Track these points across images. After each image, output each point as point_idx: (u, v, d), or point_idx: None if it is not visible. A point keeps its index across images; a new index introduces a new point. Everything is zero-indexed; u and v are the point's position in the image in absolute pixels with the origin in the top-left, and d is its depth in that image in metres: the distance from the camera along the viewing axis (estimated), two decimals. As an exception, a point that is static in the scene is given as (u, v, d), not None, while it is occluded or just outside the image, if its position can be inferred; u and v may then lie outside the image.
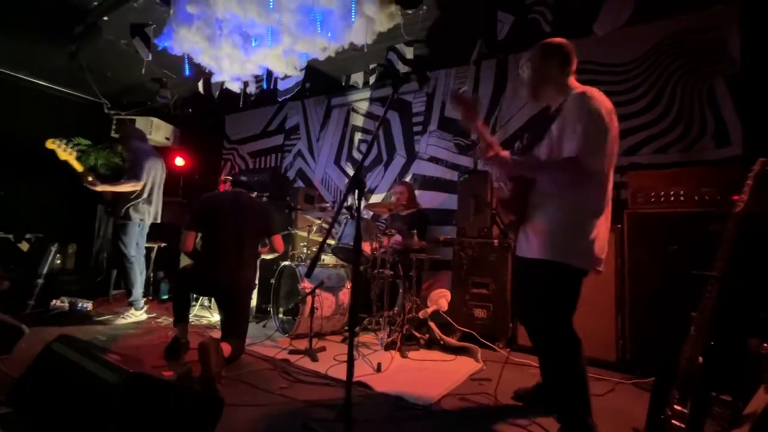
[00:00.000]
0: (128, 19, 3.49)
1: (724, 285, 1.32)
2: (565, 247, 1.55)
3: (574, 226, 1.55)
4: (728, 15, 2.79)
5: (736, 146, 2.73)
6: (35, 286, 3.60)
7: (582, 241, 1.54)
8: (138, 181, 3.45)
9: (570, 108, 1.57)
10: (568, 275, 1.56)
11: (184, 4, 3.03)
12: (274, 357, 2.55)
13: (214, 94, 4.29)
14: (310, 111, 5.16)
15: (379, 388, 2.10)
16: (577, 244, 1.54)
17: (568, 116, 1.56)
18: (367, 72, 4.33)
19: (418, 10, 3.13)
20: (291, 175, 5.17)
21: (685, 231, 2.34)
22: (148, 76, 4.48)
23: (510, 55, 3.73)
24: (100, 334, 2.96)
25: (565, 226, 1.56)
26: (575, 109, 1.53)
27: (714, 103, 2.84)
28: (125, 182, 3.42)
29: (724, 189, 2.33)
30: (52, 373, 1.40)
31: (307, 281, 2.96)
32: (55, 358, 1.41)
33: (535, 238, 1.64)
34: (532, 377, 2.31)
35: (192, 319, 3.47)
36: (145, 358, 2.42)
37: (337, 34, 3.08)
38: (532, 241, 1.65)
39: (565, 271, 1.54)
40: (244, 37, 3.18)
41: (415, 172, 4.24)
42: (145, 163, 3.51)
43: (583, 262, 1.55)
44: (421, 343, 2.91)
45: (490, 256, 3.10)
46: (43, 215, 4.90)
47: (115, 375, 1.14)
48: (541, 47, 1.74)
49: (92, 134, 5.06)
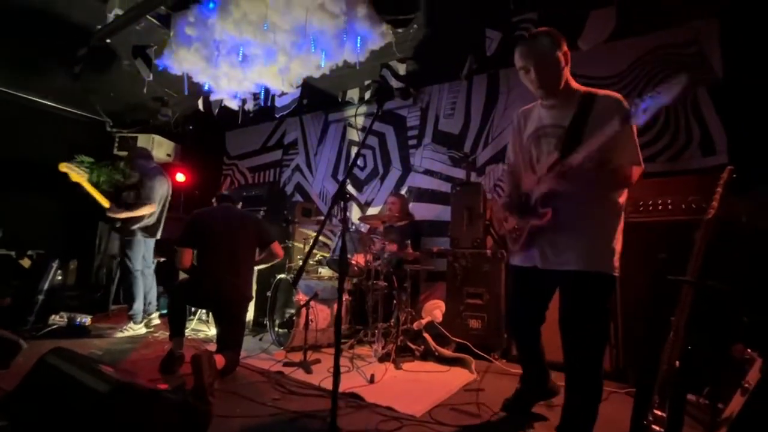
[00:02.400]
0: (130, 41, 3.62)
1: (701, 289, 1.35)
2: (605, 256, 1.49)
3: (612, 233, 1.52)
4: (708, 29, 2.88)
5: (721, 155, 2.78)
6: (36, 302, 3.64)
7: (617, 248, 1.51)
8: (153, 203, 3.63)
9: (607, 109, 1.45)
10: (610, 285, 1.52)
11: (183, 27, 3.16)
12: (269, 369, 2.56)
13: (213, 111, 4.40)
14: (308, 126, 5.26)
15: (371, 399, 2.10)
16: (614, 252, 1.51)
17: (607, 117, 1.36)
18: (362, 88, 4.44)
19: (408, 29, 3.24)
20: (289, 189, 5.25)
21: (674, 239, 2.36)
22: (150, 95, 4.61)
23: (500, 70, 3.83)
24: (97, 348, 2.99)
25: (605, 234, 1.51)
26: (615, 110, 1.39)
27: (699, 113, 2.90)
28: (142, 206, 3.59)
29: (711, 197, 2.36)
30: (45, 384, 1.43)
31: (302, 293, 2.99)
32: (49, 370, 1.44)
33: (569, 249, 1.52)
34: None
35: (189, 332, 3.49)
36: (140, 371, 2.45)
37: (330, 53, 3.18)
38: (565, 253, 1.53)
39: (607, 280, 1.50)
40: (241, 57, 3.29)
41: (411, 185, 4.30)
42: (156, 184, 3.69)
43: (617, 269, 1.52)
44: (416, 354, 2.91)
45: (483, 267, 3.12)
46: (45, 232, 4.98)
47: (104, 384, 1.17)
48: (549, 35, 1.56)
49: (95, 152, 5.17)
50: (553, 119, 1.63)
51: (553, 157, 1.52)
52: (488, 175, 3.83)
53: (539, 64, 1.55)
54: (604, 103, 1.50)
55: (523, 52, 1.60)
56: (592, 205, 1.51)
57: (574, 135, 1.50)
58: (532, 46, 1.58)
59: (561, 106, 1.61)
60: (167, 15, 3.25)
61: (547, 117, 1.66)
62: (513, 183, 1.83)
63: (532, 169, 1.69)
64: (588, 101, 1.53)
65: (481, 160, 3.91)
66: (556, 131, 1.60)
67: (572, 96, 1.59)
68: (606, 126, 1.33)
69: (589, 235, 1.49)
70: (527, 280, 1.74)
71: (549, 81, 1.57)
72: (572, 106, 1.56)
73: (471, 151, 3.97)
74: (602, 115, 1.44)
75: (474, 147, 3.96)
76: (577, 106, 1.54)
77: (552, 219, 1.51)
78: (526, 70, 1.60)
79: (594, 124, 1.45)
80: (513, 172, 1.86)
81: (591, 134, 1.40)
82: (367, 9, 2.92)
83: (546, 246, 1.60)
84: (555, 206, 1.51)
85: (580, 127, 1.50)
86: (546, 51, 1.55)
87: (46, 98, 5.14)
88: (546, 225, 1.53)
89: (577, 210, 1.50)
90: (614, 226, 1.52)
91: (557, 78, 1.57)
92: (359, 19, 2.92)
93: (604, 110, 1.46)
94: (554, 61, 1.55)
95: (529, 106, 1.81)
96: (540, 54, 1.55)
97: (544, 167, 1.57)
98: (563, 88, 1.58)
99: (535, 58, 1.56)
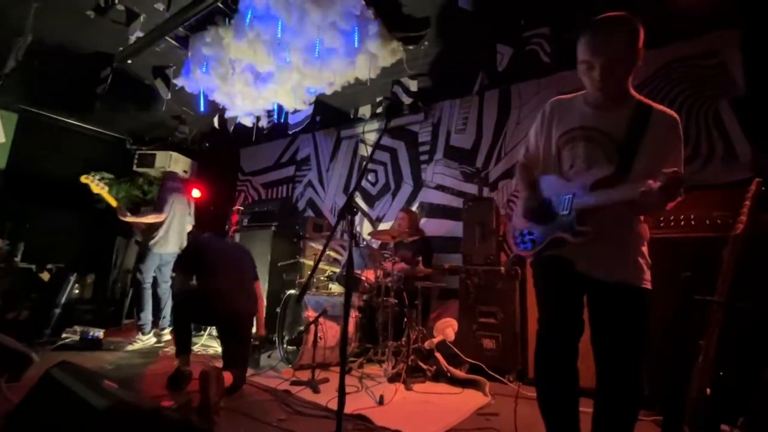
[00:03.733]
0: (150, 62, 3.76)
1: (731, 311, 1.26)
2: (643, 268, 1.34)
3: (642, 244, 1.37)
4: (729, 39, 2.81)
5: (746, 168, 2.66)
6: (53, 316, 3.70)
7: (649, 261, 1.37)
8: (160, 213, 3.77)
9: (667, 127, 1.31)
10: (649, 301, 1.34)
11: (200, 47, 3.26)
12: (276, 388, 2.51)
13: (229, 128, 4.50)
14: (320, 143, 5.32)
15: (380, 421, 2.02)
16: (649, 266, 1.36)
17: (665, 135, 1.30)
18: (374, 105, 4.48)
19: (419, 46, 3.27)
20: (301, 205, 5.27)
21: (699, 256, 2.25)
22: (168, 114, 4.76)
23: (512, 85, 3.81)
24: (108, 362, 2.99)
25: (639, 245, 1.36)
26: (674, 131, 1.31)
27: (721, 126, 2.80)
28: (148, 214, 3.80)
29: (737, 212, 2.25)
30: (48, 399, 1.41)
31: (311, 310, 2.95)
32: (52, 384, 1.43)
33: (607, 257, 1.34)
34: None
35: (198, 348, 3.48)
36: (148, 387, 2.43)
37: (341, 70, 3.22)
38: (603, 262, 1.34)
39: (646, 295, 1.33)
40: (255, 75, 3.36)
41: (423, 200, 4.26)
42: (168, 197, 3.87)
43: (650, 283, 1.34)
44: (428, 375, 2.82)
45: (497, 285, 3.03)
46: (65, 246, 5.10)
47: (104, 401, 1.14)
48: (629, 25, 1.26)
49: (115, 168, 5.34)
50: (602, 123, 1.37)
51: (604, 170, 1.31)
52: (501, 190, 3.77)
53: (612, 62, 1.25)
54: (665, 119, 1.32)
55: (595, 46, 1.27)
56: (629, 216, 1.35)
57: (630, 150, 1.30)
58: (608, 39, 1.25)
59: (612, 108, 1.36)
60: (185, 36, 3.36)
61: (592, 118, 1.39)
62: (529, 181, 1.58)
63: (559, 171, 1.46)
64: (645, 112, 1.32)
65: (493, 176, 3.85)
66: (602, 138, 1.36)
67: (628, 101, 1.35)
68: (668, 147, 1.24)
69: (626, 247, 1.34)
70: (562, 276, 1.40)
71: (615, 83, 1.29)
72: (626, 114, 1.33)
73: (483, 167, 3.93)
74: (663, 133, 1.29)
75: (486, 162, 3.92)
76: (633, 114, 1.32)
77: (590, 236, 1.31)
78: (590, 66, 1.29)
79: (653, 141, 1.28)
80: (528, 167, 1.61)
81: (648, 151, 1.26)
82: (378, 27, 2.96)
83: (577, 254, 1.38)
84: (594, 221, 1.32)
85: (638, 141, 1.30)
86: (623, 47, 1.24)
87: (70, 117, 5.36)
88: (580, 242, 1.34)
89: (614, 221, 1.33)
90: (644, 239, 1.38)
91: (625, 80, 1.30)
92: (370, 36, 2.96)
93: (664, 128, 1.30)
94: (630, 60, 1.26)
95: (567, 96, 1.50)
96: (616, 50, 1.24)
97: (582, 175, 1.36)
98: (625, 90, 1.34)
99: (609, 54, 1.25)
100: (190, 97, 3.90)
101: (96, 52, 3.70)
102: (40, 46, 3.44)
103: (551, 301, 1.46)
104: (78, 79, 4.08)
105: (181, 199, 4.00)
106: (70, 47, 3.66)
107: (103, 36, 3.46)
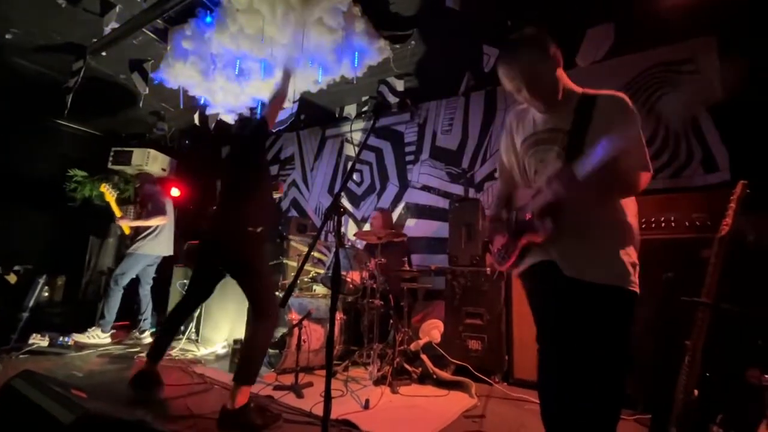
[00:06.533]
0: (127, 55, 3.61)
1: (716, 311, 1.26)
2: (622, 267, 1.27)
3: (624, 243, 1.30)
4: (706, 45, 2.88)
5: (724, 172, 2.74)
6: (20, 320, 3.50)
7: (635, 261, 1.30)
8: (164, 215, 3.84)
9: (613, 109, 1.31)
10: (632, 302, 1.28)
11: (180, 40, 3.14)
12: (258, 393, 2.42)
13: (209, 125, 4.37)
14: (304, 142, 5.23)
15: (365, 426, 1.98)
16: (635, 266, 1.30)
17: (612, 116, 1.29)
18: (360, 104, 4.43)
19: (406, 45, 3.24)
20: (285, 204, 5.17)
21: (678, 257, 2.29)
22: (146, 109, 4.59)
23: (498, 87, 3.82)
24: (78, 369, 2.84)
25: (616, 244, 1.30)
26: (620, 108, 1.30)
27: (699, 130, 2.88)
28: (153, 217, 3.81)
29: (715, 214, 2.30)
30: (8, 413, 1.31)
31: (294, 312, 2.88)
32: (15, 396, 1.33)
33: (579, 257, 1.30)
34: (530, 413, 2.20)
35: (177, 353, 3.35)
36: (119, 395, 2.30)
37: (328, 68, 3.17)
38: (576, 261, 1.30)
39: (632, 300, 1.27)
40: (237, 70, 3.26)
41: (408, 201, 4.24)
42: (164, 199, 3.93)
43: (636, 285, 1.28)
44: (414, 377, 2.79)
45: (483, 286, 3.02)
46: (34, 246, 4.86)
47: (69, 414, 1.06)
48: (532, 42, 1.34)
49: (89, 166, 5.11)
50: (551, 124, 1.40)
51: (558, 165, 1.31)
52: (486, 191, 3.78)
53: (530, 82, 1.32)
54: (609, 101, 1.33)
55: (508, 73, 1.36)
56: (597, 212, 1.31)
57: (577, 140, 1.31)
58: (516, 64, 1.33)
59: (556, 109, 1.39)
60: (164, 29, 3.24)
61: (542, 121, 1.43)
62: (503, 196, 1.58)
63: (527, 182, 1.47)
64: (589, 101, 1.35)
65: (478, 177, 3.86)
66: (554, 136, 1.38)
67: (569, 98, 1.39)
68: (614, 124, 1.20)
69: (599, 245, 1.29)
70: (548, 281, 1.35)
71: (546, 93, 1.35)
72: (571, 108, 1.36)
73: (469, 168, 3.93)
74: (609, 114, 1.29)
75: (472, 163, 3.92)
76: (577, 107, 1.35)
77: (553, 230, 1.28)
78: (517, 90, 1.37)
79: (599, 125, 1.28)
80: (508, 182, 1.60)
81: (598, 136, 1.19)
82: (364, 24, 2.92)
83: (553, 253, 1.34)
84: (556, 217, 1.29)
85: (585, 130, 1.31)
86: (534, 64, 1.31)
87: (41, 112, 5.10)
88: (546, 238, 1.31)
89: (581, 217, 1.29)
90: (625, 236, 1.32)
91: (554, 87, 1.35)
92: (357, 34, 2.92)
93: (610, 110, 1.31)
94: (547, 71, 1.33)
95: (523, 106, 1.53)
96: (528, 71, 1.32)
97: (542, 177, 1.36)
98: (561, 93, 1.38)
99: (523, 76, 1.32)
100: (170, 92, 3.77)
101: (67, 43, 3.52)
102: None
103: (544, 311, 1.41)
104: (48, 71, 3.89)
105: (169, 200, 4.03)
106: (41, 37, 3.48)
107: (75, 26, 3.29)
